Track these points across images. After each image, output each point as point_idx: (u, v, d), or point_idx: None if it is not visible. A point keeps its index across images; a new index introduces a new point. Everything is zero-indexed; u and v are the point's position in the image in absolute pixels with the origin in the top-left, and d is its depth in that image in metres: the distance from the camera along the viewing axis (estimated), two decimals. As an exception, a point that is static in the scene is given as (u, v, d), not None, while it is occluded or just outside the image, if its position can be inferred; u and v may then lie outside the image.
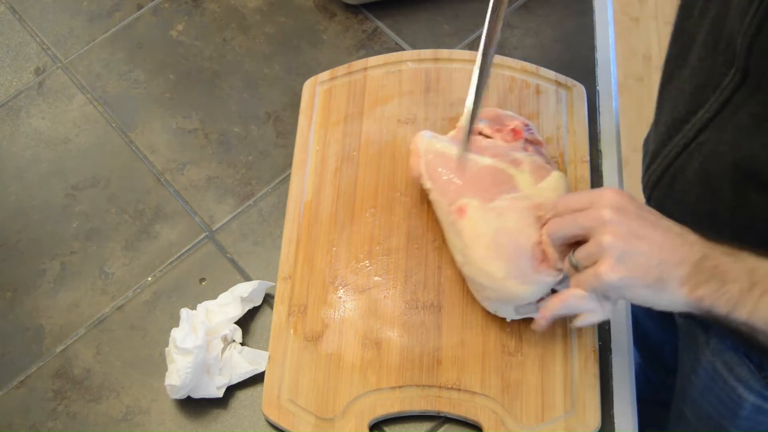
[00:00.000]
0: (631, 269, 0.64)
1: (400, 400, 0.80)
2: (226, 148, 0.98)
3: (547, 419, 0.78)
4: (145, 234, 0.93)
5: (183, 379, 0.79)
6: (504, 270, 0.77)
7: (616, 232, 0.64)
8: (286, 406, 0.80)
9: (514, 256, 0.77)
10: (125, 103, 1.02)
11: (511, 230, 0.78)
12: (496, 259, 0.78)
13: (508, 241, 0.77)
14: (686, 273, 0.64)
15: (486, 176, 0.82)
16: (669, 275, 0.64)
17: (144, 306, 0.89)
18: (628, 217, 0.65)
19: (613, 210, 0.65)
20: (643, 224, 0.65)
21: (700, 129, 0.75)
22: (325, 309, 0.85)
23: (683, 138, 0.77)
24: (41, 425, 0.83)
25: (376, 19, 1.06)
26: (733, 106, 0.70)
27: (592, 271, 0.65)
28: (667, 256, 0.64)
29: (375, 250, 0.87)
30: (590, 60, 1.01)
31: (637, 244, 0.64)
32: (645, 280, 0.64)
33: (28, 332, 0.88)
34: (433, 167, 0.85)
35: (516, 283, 0.77)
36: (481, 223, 0.79)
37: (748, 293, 0.63)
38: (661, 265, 0.64)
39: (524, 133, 0.87)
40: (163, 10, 1.09)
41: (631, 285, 0.64)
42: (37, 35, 1.08)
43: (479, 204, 0.80)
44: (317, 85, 0.98)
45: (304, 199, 0.91)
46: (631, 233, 0.64)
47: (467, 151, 0.82)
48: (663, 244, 0.64)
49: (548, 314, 0.71)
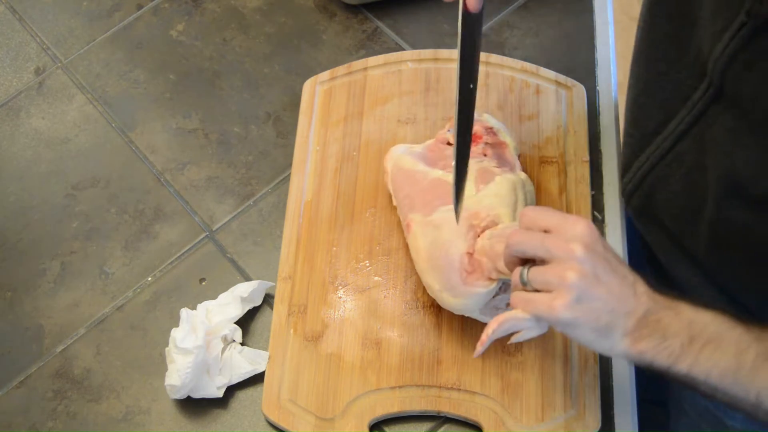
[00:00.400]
0: (585, 312, 0.63)
1: (400, 400, 0.80)
2: (226, 148, 0.98)
3: (547, 419, 0.78)
4: (145, 234, 0.93)
5: (183, 379, 0.79)
6: (438, 283, 0.78)
7: (581, 272, 0.63)
8: (286, 406, 0.80)
9: (445, 269, 0.77)
10: (125, 103, 1.02)
11: (442, 242, 0.77)
12: (431, 271, 0.78)
13: (440, 254, 0.77)
14: (632, 325, 0.64)
15: (432, 189, 0.82)
16: (616, 324, 0.64)
17: (144, 306, 0.89)
18: (597, 257, 0.64)
19: (584, 247, 0.63)
20: (606, 268, 0.64)
21: (675, 140, 0.75)
22: (325, 309, 0.85)
23: (658, 149, 0.77)
24: (41, 425, 0.83)
25: (376, 19, 1.06)
26: (708, 119, 0.70)
27: (545, 300, 0.64)
28: (619, 305, 0.64)
29: (375, 250, 0.87)
30: (590, 60, 1.01)
31: (597, 288, 0.63)
32: (594, 324, 0.64)
33: (28, 332, 0.88)
34: (395, 184, 0.86)
35: (449, 295, 0.77)
36: (421, 237, 0.80)
37: (689, 347, 0.64)
38: (612, 313, 0.64)
39: (484, 138, 0.87)
40: (163, 10, 1.09)
41: (579, 325, 0.64)
42: (37, 35, 1.08)
43: (421, 218, 0.81)
44: (317, 85, 0.98)
45: (304, 199, 0.91)
46: (595, 276, 0.63)
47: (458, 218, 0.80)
48: (618, 293, 0.64)
49: (486, 341, 0.69)
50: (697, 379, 0.64)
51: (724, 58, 0.65)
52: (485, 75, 0.97)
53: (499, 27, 1.04)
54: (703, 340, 0.64)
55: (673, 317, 0.64)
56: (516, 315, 0.67)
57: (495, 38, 1.03)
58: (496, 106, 0.95)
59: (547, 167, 0.91)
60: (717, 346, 0.63)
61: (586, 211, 0.88)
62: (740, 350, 0.63)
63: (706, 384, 0.64)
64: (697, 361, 0.63)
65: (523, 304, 0.66)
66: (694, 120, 0.72)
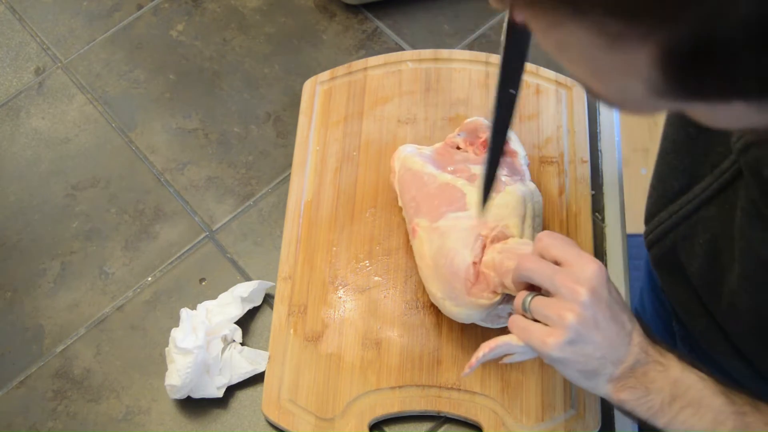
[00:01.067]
0: (576, 354, 0.64)
1: (400, 400, 0.80)
2: (226, 148, 0.98)
3: (547, 419, 0.78)
4: (145, 234, 0.93)
5: (183, 379, 0.79)
6: (441, 291, 0.77)
7: (581, 316, 0.63)
8: (286, 406, 0.80)
9: (449, 278, 0.76)
10: (125, 103, 1.02)
11: (448, 251, 0.77)
12: (435, 279, 0.78)
13: (445, 262, 0.77)
14: (618, 373, 0.65)
15: (440, 194, 0.81)
16: (603, 370, 0.65)
17: (144, 306, 0.89)
18: (600, 303, 0.64)
19: (590, 291, 0.64)
20: (607, 315, 0.64)
21: (700, 204, 0.74)
22: (325, 309, 0.85)
23: (682, 209, 0.76)
24: (41, 425, 0.83)
25: (376, 19, 1.06)
26: (732, 192, 0.69)
27: (539, 334, 0.65)
28: (610, 353, 0.65)
29: (375, 250, 0.87)
30: (590, 60, 1.00)
31: (593, 334, 0.64)
32: (582, 367, 0.65)
33: (28, 332, 0.88)
34: (402, 185, 0.85)
35: (451, 304, 0.77)
36: (426, 243, 0.79)
37: (668, 406, 0.64)
38: (602, 359, 0.64)
39: None
40: (163, 10, 1.09)
41: (567, 365, 0.65)
42: (37, 35, 1.08)
43: (427, 224, 0.80)
44: (317, 85, 0.98)
45: (304, 199, 0.91)
46: (594, 321, 0.64)
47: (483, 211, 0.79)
48: (612, 341, 0.65)
49: (474, 363, 0.70)
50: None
51: (741, 143, 0.64)
52: (485, 75, 0.97)
53: (499, 27, 1.04)
54: (684, 401, 0.64)
55: (660, 373, 0.65)
56: (509, 341, 0.68)
57: (495, 38, 1.03)
58: (496, 106, 0.95)
59: (547, 167, 0.91)
60: (696, 411, 0.64)
61: (586, 211, 0.88)
62: (718, 421, 0.64)
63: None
64: (674, 421, 0.64)
65: (518, 331, 0.67)
66: (721, 188, 0.71)
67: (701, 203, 0.74)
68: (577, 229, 0.87)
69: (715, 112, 0.45)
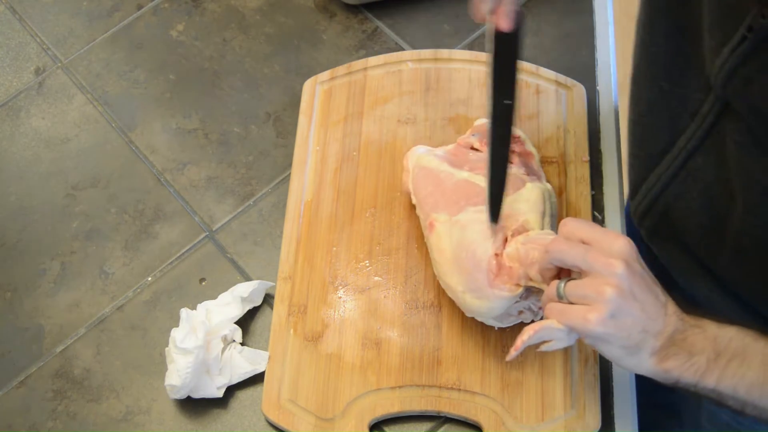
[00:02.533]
0: (618, 328, 0.64)
1: (400, 400, 0.80)
2: (226, 148, 0.98)
3: (547, 419, 0.78)
4: (145, 234, 0.93)
5: (183, 379, 0.79)
6: (462, 284, 0.77)
7: (619, 288, 0.63)
8: (286, 406, 0.80)
9: (471, 270, 0.76)
10: (125, 103, 1.02)
11: (469, 243, 0.77)
12: (456, 273, 0.78)
13: (466, 255, 0.77)
14: (660, 345, 0.65)
15: (459, 190, 0.81)
16: (645, 344, 0.65)
17: (144, 306, 0.89)
18: (635, 275, 0.64)
19: (624, 263, 0.64)
20: (643, 287, 0.65)
21: (687, 157, 0.75)
22: (325, 309, 0.85)
23: (669, 168, 0.77)
24: (41, 425, 0.83)
25: (376, 19, 1.06)
26: (720, 131, 0.70)
27: (580, 312, 0.65)
28: (650, 324, 0.65)
29: (375, 250, 0.87)
30: (590, 60, 1.01)
31: (633, 306, 0.64)
32: (625, 342, 0.64)
33: (28, 332, 0.88)
34: (417, 183, 0.85)
35: (472, 297, 0.76)
36: (445, 237, 0.79)
37: (714, 363, 0.64)
38: (644, 332, 0.64)
39: (511, 145, 0.86)
40: (163, 10, 1.09)
41: (610, 341, 0.65)
42: (37, 35, 1.08)
43: (446, 218, 0.80)
44: (317, 85, 0.98)
45: (304, 199, 0.91)
46: (631, 293, 0.64)
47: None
48: (651, 312, 0.65)
49: (520, 346, 0.70)
50: (725, 394, 0.64)
51: (724, 73, 0.65)
52: (485, 75, 0.97)
53: (499, 27, 1.04)
54: (729, 354, 0.64)
55: (699, 334, 0.65)
56: (551, 324, 0.67)
57: (495, 38, 1.03)
58: (496, 106, 0.95)
59: (547, 167, 0.91)
60: (743, 360, 0.64)
61: (586, 211, 0.88)
62: (766, 362, 0.64)
63: (734, 398, 0.65)
64: (723, 376, 0.64)
65: (557, 315, 0.66)
66: (705, 134, 0.71)
67: (688, 155, 0.74)
68: (577, 229, 0.87)
69: None
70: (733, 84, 0.64)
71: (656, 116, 0.78)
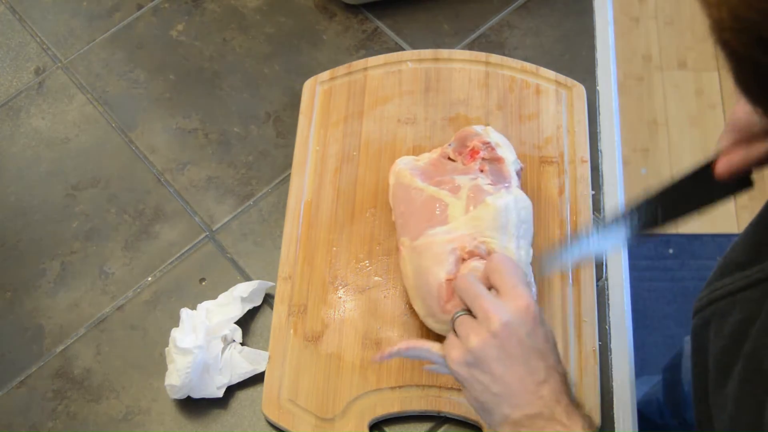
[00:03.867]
0: (471, 379, 0.65)
1: (400, 400, 0.80)
2: (226, 148, 0.98)
3: (547, 419, 0.78)
4: (145, 234, 0.93)
5: (183, 379, 0.79)
6: (422, 309, 0.79)
7: (484, 343, 0.64)
8: (286, 406, 0.80)
9: (425, 296, 0.77)
10: (125, 103, 1.02)
11: (424, 269, 0.78)
12: (418, 298, 0.79)
13: (422, 281, 0.78)
14: (515, 418, 0.64)
15: (424, 209, 0.81)
16: (497, 408, 0.65)
17: (144, 306, 0.89)
18: (509, 340, 0.64)
19: (502, 325, 0.64)
20: (514, 354, 0.64)
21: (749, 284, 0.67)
22: (325, 309, 0.85)
23: (733, 284, 0.69)
24: (41, 425, 0.83)
25: (376, 19, 1.06)
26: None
27: (448, 345, 0.66)
28: (506, 393, 0.64)
29: (375, 250, 0.87)
30: (590, 60, 1.01)
31: (492, 366, 0.64)
32: (478, 395, 0.65)
33: (28, 332, 0.88)
34: (394, 200, 0.86)
35: (432, 321, 0.78)
36: (408, 262, 0.80)
37: None
38: (496, 397, 0.64)
39: (481, 152, 0.85)
40: (163, 10, 1.09)
41: (466, 386, 0.66)
42: (37, 35, 1.08)
43: (408, 243, 0.80)
44: (317, 85, 0.99)
45: (304, 199, 0.91)
46: (496, 354, 0.64)
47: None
48: (511, 382, 0.64)
49: (386, 355, 0.71)
50: None
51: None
52: (485, 75, 0.97)
53: (499, 27, 1.04)
54: None
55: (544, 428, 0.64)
56: (430, 347, 0.69)
57: (495, 38, 1.03)
58: (496, 106, 0.95)
59: (547, 167, 0.91)
60: None
61: (586, 211, 0.88)
62: None
63: None
64: None
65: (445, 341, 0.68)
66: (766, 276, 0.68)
67: (751, 283, 0.67)
68: (577, 229, 0.87)
69: None
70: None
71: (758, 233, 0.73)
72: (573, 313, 0.83)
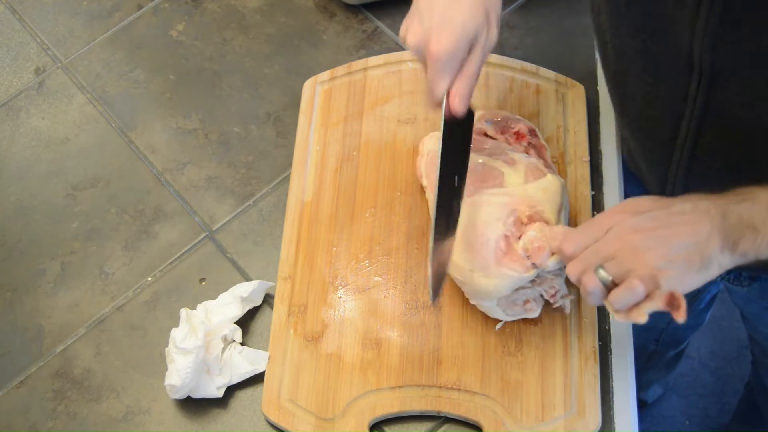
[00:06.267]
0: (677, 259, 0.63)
1: (400, 400, 0.80)
2: (226, 148, 0.98)
3: (547, 419, 0.78)
4: (145, 234, 0.93)
5: (183, 379, 0.79)
6: (470, 262, 0.77)
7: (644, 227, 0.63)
8: (286, 406, 0.80)
9: (479, 248, 0.76)
10: (125, 103, 1.02)
11: (479, 223, 0.77)
12: (464, 251, 0.78)
13: (475, 234, 0.77)
14: (720, 240, 0.63)
15: (474, 173, 0.81)
16: (708, 250, 0.63)
17: (144, 306, 0.89)
18: (641, 211, 0.65)
19: (623, 211, 0.65)
20: (659, 211, 0.64)
21: (695, 139, 0.74)
22: (325, 309, 0.85)
23: (684, 151, 0.76)
24: (41, 425, 0.83)
25: (376, 19, 1.06)
26: (716, 105, 0.70)
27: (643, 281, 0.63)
28: (695, 236, 0.63)
29: (375, 250, 0.87)
30: (590, 60, 1.01)
31: (668, 232, 0.63)
32: (692, 262, 0.63)
33: (28, 332, 0.88)
34: (430, 166, 0.85)
35: (480, 275, 0.77)
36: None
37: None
38: (696, 246, 0.63)
39: (528, 137, 0.87)
40: (163, 10, 1.09)
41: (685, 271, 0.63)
42: (37, 35, 1.08)
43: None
44: (317, 85, 0.99)
45: (304, 199, 0.91)
46: (656, 225, 0.64)
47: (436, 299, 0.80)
48: (687, 222, 0.64)
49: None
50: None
51: (710, 34, 0.64)
52: (485, 75, 0.97)
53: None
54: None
55: (750, 208, 0.64)
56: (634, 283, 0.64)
57: (495, 38, 1.03)
58: (496, 106, 0.95)
59: (547, 167, 0.91)
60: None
61: (586, 211, 0.88)
62: None
63: None
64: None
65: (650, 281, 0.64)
66: (702, 114, 0.71)
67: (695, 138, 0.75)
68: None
69: None
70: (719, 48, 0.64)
71: (654, 108, 0.78)
72: (573, 313, 0.83)
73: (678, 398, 1.69)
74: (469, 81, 0.73)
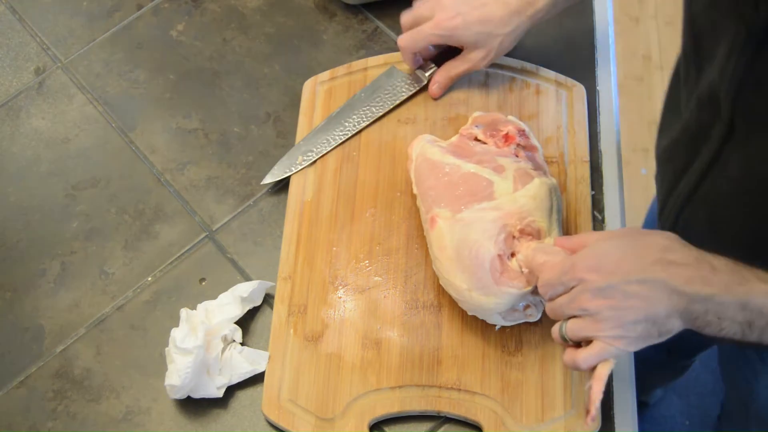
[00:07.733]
0: (632, 332, 0.65)
1: (400, 400, 0.80)
2: (226, 148, 0.98)
3: (547, 419, 0.78)
4: (145, 234, 0.93)
5: (183, 379, 0.79)
6: (466, 282, 0.77)
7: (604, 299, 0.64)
8: (286, 406, 0.80)
9: (474, 269, 0.76)
10: (125, 103, 1.02)
11: (472, 242, 0.77)
12: (458, 271, 0.78)
13: (468, 254, 0.77)
14: (681, 322, 0.65)
15: (464, 184, 0.81)
16: (665, 328, 0.65)
17: (144, 306, 0.89)
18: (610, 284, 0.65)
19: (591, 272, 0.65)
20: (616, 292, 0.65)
21: (697, 181, 0.75)
22: (325, 309, 0.85)
23: (685, 187, 0.77)
24: (41, 425, 0.83)
25: (376, 19, 1.06)
26: (723, 160, 0.70)
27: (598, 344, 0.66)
28: (653, 315, 0.64)
29: (375, 250, 0.87)
30: (590, 60, 1.01)
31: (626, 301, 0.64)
32: (644, 329, 0.65)
33: (28, 332, 0.88)
34: (419, 173, 0.85)
35: (479, 294, 0.77)
36: (447, 234, 0.79)
37: (749, 328, 0.63)
38: (656, 323, 0.65)
39: (517, 139, 0.86)
40: (163, 10, 1.09)
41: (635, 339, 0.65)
42: (37, 35, 1.08)
43: (449, 214, 0.80)
44: (317, 85, 0.99)
45: (304, 199, 0.91)
46: (615, 298, 0.64)
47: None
48: (640, 306, 0.64)
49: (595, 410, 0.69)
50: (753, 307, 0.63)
51: (733, 89, 0.64)
52: (485, 75, 0.97)
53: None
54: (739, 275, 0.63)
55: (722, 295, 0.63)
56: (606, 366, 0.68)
57: (495, 38, 1.03)
58: (496, 106, 0.95)
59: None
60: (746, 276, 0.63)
61: (586, 211, 0.88)
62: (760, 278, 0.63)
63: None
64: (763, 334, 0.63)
65: (590, 360, 0.67)
66: (711, 160, 0.72)
67: (699, 178, 0.76)
68: (577, 229, 0.87)
69: None
70: (738, 105, 0.64)
71: (678, 139, 0.78)
72: (573, 313, 0.83)
73: (678, 398, 1.69)
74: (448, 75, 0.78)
